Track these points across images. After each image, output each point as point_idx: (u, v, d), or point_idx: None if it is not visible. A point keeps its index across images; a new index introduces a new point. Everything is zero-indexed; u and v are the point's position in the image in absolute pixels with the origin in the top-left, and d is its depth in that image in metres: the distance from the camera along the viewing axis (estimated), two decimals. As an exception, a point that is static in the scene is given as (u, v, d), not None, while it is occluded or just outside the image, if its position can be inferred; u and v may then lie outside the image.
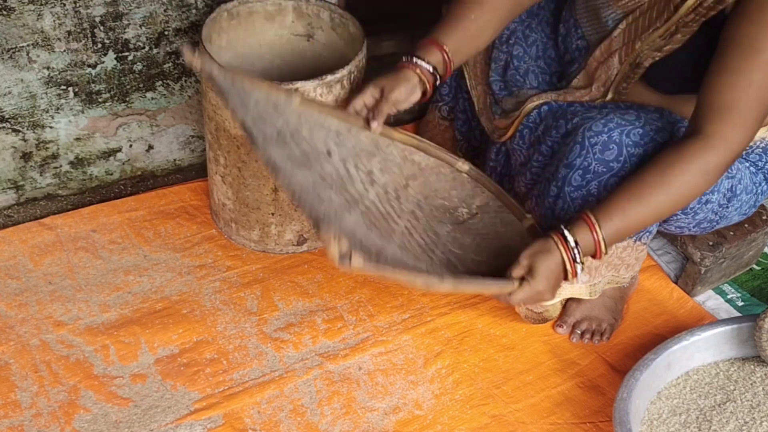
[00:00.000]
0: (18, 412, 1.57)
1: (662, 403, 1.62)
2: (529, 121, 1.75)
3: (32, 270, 1.85)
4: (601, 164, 1.52)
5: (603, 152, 1.51)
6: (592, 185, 1.52)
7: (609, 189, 1.51)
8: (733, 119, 1.36)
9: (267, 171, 1.50)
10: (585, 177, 1.53)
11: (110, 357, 1.69)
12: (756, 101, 1.35)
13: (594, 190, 1.52)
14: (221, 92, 1.51)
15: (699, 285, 1.92)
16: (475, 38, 1.62)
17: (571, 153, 1.56)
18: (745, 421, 1.56)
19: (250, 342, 1.75)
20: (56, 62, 1.83)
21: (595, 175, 1.52)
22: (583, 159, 1.53)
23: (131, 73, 1.94)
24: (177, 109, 2.06)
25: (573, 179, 1.54)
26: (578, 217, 1.46)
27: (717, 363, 1.70)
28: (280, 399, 1.65)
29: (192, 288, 1.85)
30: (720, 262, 1.90)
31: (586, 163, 1.53)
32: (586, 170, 1.53)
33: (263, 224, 1.89)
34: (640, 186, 1.44)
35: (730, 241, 1.88)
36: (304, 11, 1.89)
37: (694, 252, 1.88)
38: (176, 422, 1.58)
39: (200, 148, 2.15)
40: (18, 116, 1.87)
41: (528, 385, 1.73)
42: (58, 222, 1.96)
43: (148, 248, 1.93)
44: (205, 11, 1.92)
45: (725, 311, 1.93)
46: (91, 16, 1.80)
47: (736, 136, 1.37)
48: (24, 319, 1.74)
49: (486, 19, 1.60)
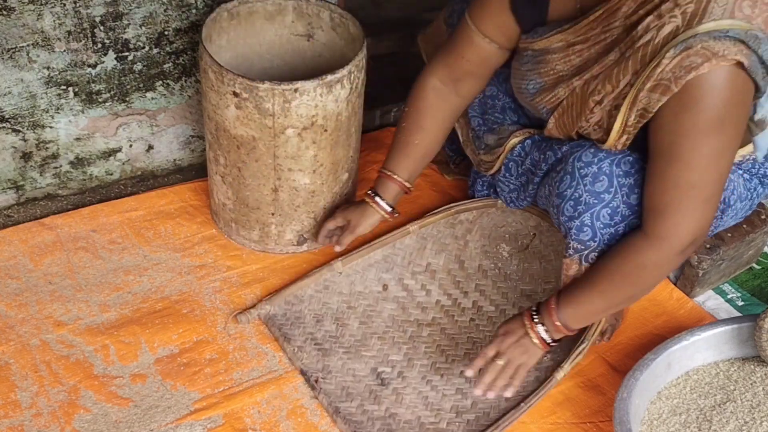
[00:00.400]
0: (18, 412, 1.57)
1: (662, 403, 1.62)
2: (514, 155, 1.76)
3: (32, 270, 1.85)
4: (592, 196, 1.51)
5: (593, 184, 1.51)
6: (585, 217, 1.52)
7: (602, 220, 1.51)
8: (668, 219, 1.41)
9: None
10: (577, 208, 1.53)
11: (110, 357, 1.69)
12: (688, 199, 1.38)
13: (588, 221, 1.52)
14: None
15: (698, 286, 1.92)
16: (425, 156, 1.80)
17: (562, 183, 1.55)
18: (745, 421, 1.56)
19: (250, 342, 1.75)
20: (56, 62, 1.83)
21: (586, 207, 1.52)
22: (573, 190, 1.53)
23: (131, 73, 1.94)
24: (177, 109, 2.05)
25: (566, 209, 1.55)
26: (547, 300, 1.57)
27: (717, 363, 1.70)
28: (280, 399, 1.65)
29: (192, 288, 1.85)
30: (718, 264, 1.90)
31: (577, 195, 1.53)
32: (577, 201, 1.53)
33: (263, 224, 1.89)
34: (594, 277, 1.53)
35: (728, 243, 1.88)
36: (304, 11, 1.89)
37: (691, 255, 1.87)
38: (176, 422, 1.58)
39: (200, 148, 2.15)
40: (18, 116, 1.87)
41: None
42: (58, 222, 1.96)
43: (148, 248, 1.93)
44: (205, 11, 1.92)
45: (725, 311, 1.93)
46: (91, 16, 1.80)
47: (674, 233, 1.41)
48: (24, 319, 1.74)
49: (429, 139, 1.78)
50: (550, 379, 1.65)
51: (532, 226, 1.93)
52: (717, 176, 1.39)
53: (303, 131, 1.72)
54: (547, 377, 1.67)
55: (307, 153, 1.76)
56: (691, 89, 1.31)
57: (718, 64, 1.28)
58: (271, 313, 1.79)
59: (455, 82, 1.72)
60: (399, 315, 1.83)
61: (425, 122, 1.75)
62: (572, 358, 1.66)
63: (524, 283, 1.90)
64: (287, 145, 1.73)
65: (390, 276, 1.90)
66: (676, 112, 1.34)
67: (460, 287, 1.90)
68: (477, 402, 1.65)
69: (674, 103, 1.34)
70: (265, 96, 1.65)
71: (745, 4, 1.31)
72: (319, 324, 1.79)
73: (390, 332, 1.79)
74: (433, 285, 1.90)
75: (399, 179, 1.78)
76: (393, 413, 1.62)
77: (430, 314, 1.84)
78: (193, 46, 1.96)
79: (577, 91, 1.52)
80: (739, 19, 1.30)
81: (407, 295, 1.88)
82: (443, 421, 1.61)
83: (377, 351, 1.74)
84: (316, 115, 1.70)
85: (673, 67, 1.31)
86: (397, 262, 1.92)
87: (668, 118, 1.36)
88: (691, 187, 1.37)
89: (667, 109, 1.35)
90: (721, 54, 1.27)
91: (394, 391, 1.67)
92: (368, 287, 1.88)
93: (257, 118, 1.69)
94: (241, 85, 1.65)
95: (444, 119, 1.77)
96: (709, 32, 1.29)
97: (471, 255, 1.96)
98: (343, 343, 1.75)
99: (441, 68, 1.72)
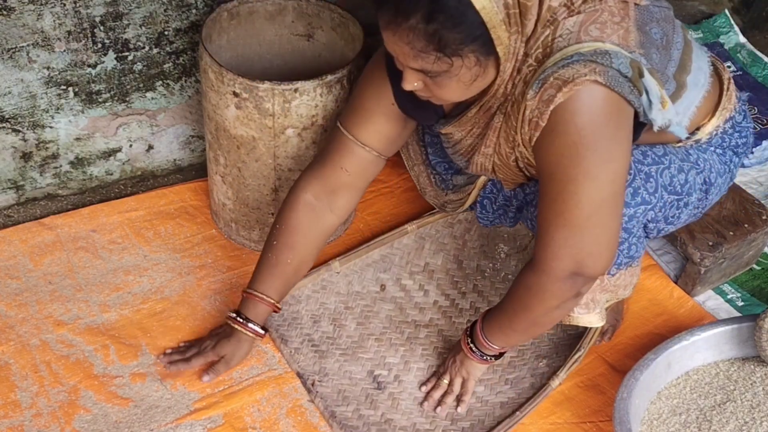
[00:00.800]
0: (18, 412, 1.57)
1: (662, 403, 1.62)
2: (486, 193, 1.74)
3: (32, 270, 1.85)
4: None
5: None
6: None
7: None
8: (541, 244, 1.37)
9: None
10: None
11: (110, 357, 1.69)
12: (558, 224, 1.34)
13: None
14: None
15: (699, 285, 1.92)
16: (296, 274, 1.67)
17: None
18: (745, 421, 1.56)
19: (250, 342, 1.75)
20: (56, 62, 1.83)
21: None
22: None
23: (131, 73, 1.94)
24: (177, 109, 2.06)
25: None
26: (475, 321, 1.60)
27: (717, 363, 1.70)
28: (280, 398, 1.65)
29: (192, 288, 1.85)
30: (720, 263, 1.90)
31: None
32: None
33: (263, 224, 1.89)
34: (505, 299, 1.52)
35: (730, 242, 1.88)
36: (304, 11, 1.89)
37: (693, 252, 1.88)
38: (176, 422, 1.58)
39: (200, 148, 2.15)
40: (18, 116, 1.87)
41: (528, 385, 1.73)
42: (58, 222, 1.96)
43: (148, 248, 1.93)
44: (205, 11, 1.92)
45: (725, 311, 1.93)
46: (91, 16, 1.80)
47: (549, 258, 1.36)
48: (24, 319, 1.74)
49: (300, 258, 1.64)
50: (545, 387, 1.65)
51: None
52: (593, 197, 1.32)
53: (303, 131, 1.72)
54: (542, 384, 1.67)
55: (307, 153, 1.76)
56: (556, 118, 1.29)
57: (571, 89, 1.26)
58: None
59: (330, 195, 1.61)
60: (396, 316, 1.83)
61: (296, 241, 1.63)
62: (568, 366, 1.66)
63: None
64: (287, 145, 1.73)
65: (388, 276, 1.90)
66: (548, 143, 1.33)
67: (458, 287, 1.90)
68: (472, 409, 1.65)
69: (542, 136, 1.33)
70: (265, 96, 1.65)
71: (591, 28, 1.29)
72: (316, 325, 1.78)
73: (387, 333, 1.79)
74: (430, 285, 1.90)
75: (270, 300, 1.64)
76: (389, 419, 1.62)
77: (428, 315, 1.84)
78: (193, 46, 1.96)
79: (497, 160, 1.53)
80: (587, 42, 1.29)
81: (405, 295, 1.88)
82: (438, 428, 1.61)
83: (374, 353, 1.74)
84: (316, 115, 1.71)
85: (536, 105, 1.31)
86: (395, 262, 1.92)
87: (540, 151, 1.35)
88: (561, 213, 1.33)
89: (540, 141, 1.34)
90: (572, 79, 1.25)
91: (390, 395, 1.67)
92: (366, 287, 1.88)
93: (257, 118, 1.69)
94: (241, 85, 1.65)
95: (316, 238, 1.65)
96: (556, 63, 1.28)
97: (469, 255, 1.95)
98: (340, 345, 1.75)
99: (315, 181, 1.61)
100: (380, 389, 1.67)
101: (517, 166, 1.51)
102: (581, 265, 1.36)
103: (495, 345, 1.57)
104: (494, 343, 1.56)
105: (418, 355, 1.74)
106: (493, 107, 1.44)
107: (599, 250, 1.36)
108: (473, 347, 1.59)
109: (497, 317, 1.55)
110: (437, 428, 1.61)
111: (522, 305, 1.47)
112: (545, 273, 1.38)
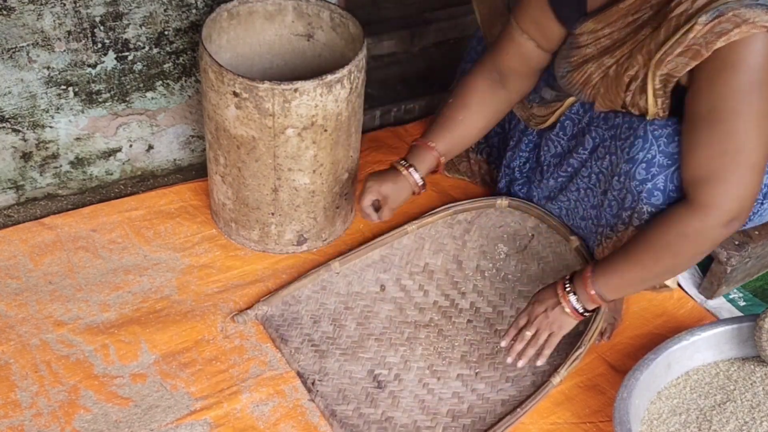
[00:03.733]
0: (18, 412, 1.57)
1: (662, 403, 1.62)
2: (572, 112, 1.76)
3: (32, 270, 1.85)
4: (666, 157, 1.50)
5: (668, 145, 1.50)
6: (659, 179, 1.51)
7: (675, 182, 1.50)
8: (714, 187, 1.39)
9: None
10: (650, 170, 1.52)
11: (110, 357, 1.69)
12: (734, 165, 1.37)
13: (660, 184, 1.51)
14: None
15: (724, 285, 1.90)
16: (465, 138, 1.77)
17: (633, 147, 1.54)
18: (745, 421, 1.56)
19: (249, 341, 1.75)
20: (56, 62, 1.83)
21: (660, 169, 1.51)
22: (646, 152, 1.52)
23: (131, 73, 1.94)
24: (177, 109, 2.06)
25: (637, 173, 1.53)
26: (582, 269, 1.57)
27: (717, 363, 1.69)
28: (280, 398, 1.65)
29: (192, 288, 1.85)
30: (745, 262, 1.88)
31: (650, 156, 1.52)
32: (650, 163, 1.52)
33: (263, 224, 1.89)
34: (633, 246, 1.51)
35: (756, 240, 1.86)
36: (304, 11, 1.89)
37: (720, 251, 1.86)
38: (176, 422, 1.58)
39: (200, 148, 2.15)
40: (18, 116, 1.87)
41: (528, 385, 1.73)
42: (58, 222, 1.96)
43: (148, 248, 1.93)
44: (205, 11, 1.92)
45: (727, 311, 1.93)
46: (91, 16, 1.80)
47: (721, 201, 1.39)
48: (24, 318, 1.74)
49: (473, 120, 1.74)
50: (546, 384, 1.65)
51: (530, 227, 1.93)
52: (762, 141, 1.36)
53: (303, 131, 1.72)
54: (543, 382, 1.67)
55: (307, 153, 1.76)
56: (724, 54, 1.32)
57: (748, 30, 1.29)
58: (269, 313, 1.79)
59: (501, 76, 1.72)
60: (396, 316, 1.83)
61: (473, 101, 1.73)
62: (569, 363, 1.66)
63: (522, 284, 1.89)
64: (287, 145, 1.74)
65: (387, 276, 1.90)
66: (711, 77, 1.34)
67: (457, 288, 1.90)
68: (473, 406, 1.65)
69: (708, 68, 1.34)
70: (265, 96, 1.65)
71: None
72: (316, 325, 1.79)
73: (387, 333, 1.79)
74: (430, 285, 1.90)
75: (436, 150, 1.73)
76: (389, 417, 1.62)
77: (428, 315, 1.84)
78: (193, 46, 1.96)
79: (611, 73, 1.53)
80: None
81: (405, 295, 1.88)
82: (439, 426, 1.61)
83: (374, 353, 1.74)
84: (316, 115, 1.71)
85: (705, 33, 1.32)
86: (394, 263, 1.92)
87: (703, 84, 1.36)
88: (736, 152, 1.35)
89: (701, 75, 1.36)
90: (752, 21, 1.29)
91: (391, 394, 1.67)
92: (366, 288, 1.88)
93: (257, 118, 1.69)
94: (241, 85, 1.65)
95: (489, 104, 1.74)
96: (740, 0, 1.30)
97: (469, 255, 1.95)
98: (340, 345, 1.75)
99: (488, 63, 1.73)
100: (380, 388, 1.67)
101: (627, 87, 1.51)
102: (745, 208, 1.38)
103: (608, 297, 1.54)
104: (608, 295, 1.54)
105: (418, 355, 1.74)
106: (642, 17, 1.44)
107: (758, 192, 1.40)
108: (573, 300, 1.56)
109: (621, 268, 1.51)
110: (438, 425, 1.61)
111: (671, 252, 1.45)
112: (711, 216, 1.39)
